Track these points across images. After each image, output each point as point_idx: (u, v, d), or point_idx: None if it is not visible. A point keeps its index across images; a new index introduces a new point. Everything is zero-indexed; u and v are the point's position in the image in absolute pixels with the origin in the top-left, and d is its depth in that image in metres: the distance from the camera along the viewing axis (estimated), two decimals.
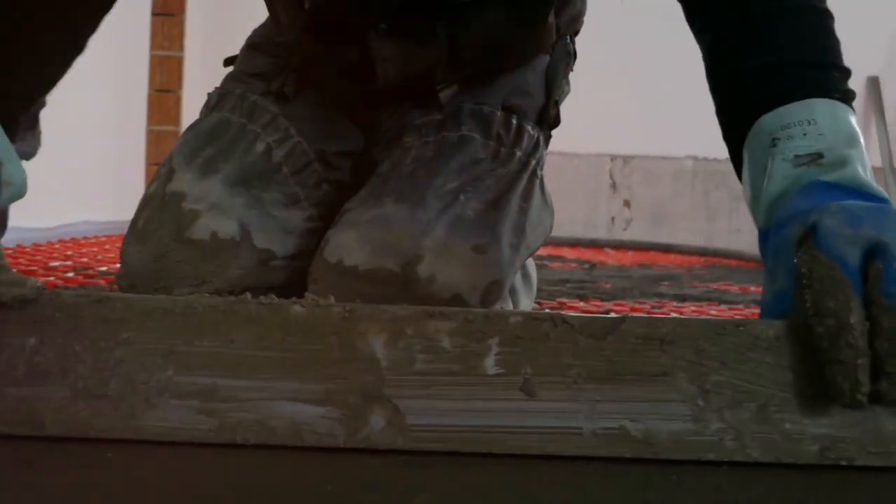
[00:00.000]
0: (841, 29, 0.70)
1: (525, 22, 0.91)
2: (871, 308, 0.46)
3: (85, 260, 1.66)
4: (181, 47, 3.29)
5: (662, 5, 0.87)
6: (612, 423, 0.47)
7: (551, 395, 0.47)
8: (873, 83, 3.67)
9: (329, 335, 0.48)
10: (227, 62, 1.01)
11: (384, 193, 0.84)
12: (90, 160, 2.42)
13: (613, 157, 3.85)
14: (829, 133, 0.60)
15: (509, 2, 0.87)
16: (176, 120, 3.27)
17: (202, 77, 3.48)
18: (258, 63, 0.97)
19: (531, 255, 0.92)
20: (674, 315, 0.50)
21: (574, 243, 3.51)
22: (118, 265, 0.87)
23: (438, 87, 0.91)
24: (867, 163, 0.60)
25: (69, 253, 1.86)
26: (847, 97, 0.63)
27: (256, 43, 1.00)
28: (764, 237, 0.60)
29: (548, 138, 0.96)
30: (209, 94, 0.96)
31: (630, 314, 0.50)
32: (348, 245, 0.80)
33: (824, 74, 0.64)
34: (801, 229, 0.52)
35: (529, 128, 0.91)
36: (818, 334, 0.47)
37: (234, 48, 1.02)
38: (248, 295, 0.49)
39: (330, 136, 0.94)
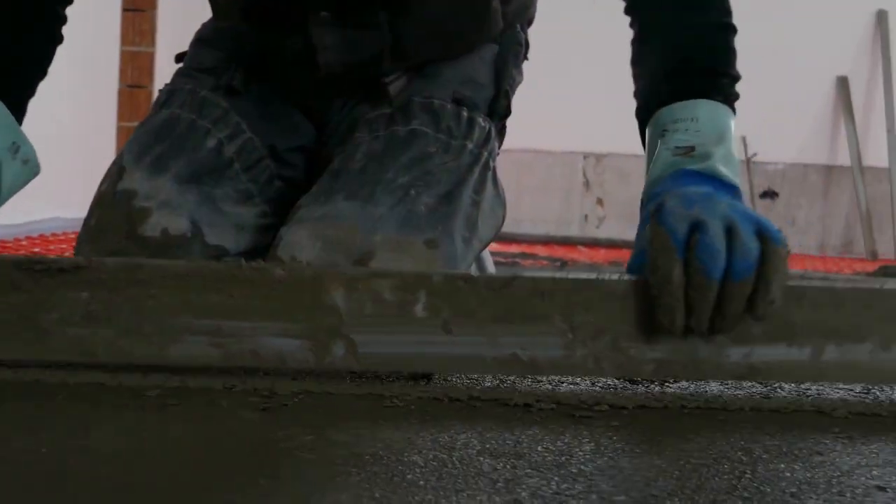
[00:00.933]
0: (811, 31, 0.89)
1: (468, 8, 0.96)
2: (688, 268, 0.68)
3: (53, 258, 1.80)
4: (152, 43, 3.43)
5: None
6: (507, 351, 0.70)
7: (463, 331, 0.69)
8: (842, 83, 3.90)
9: (303, 290, 0.70)
10: (178, 58, 1.04)
11: (335, 190, 0.87)
12: (60, 156, 2.53)
13: (586, 155, 4.05)
14: (704, 130, 0.80)
15: None
16: None
17: (174, 72, 3.66)
18: (206, 58, 1.00)
19: (484, 247, 0.99)
20: (551, 275, 0.72)
21: (547, 241, 3.73)
22: None
23: (387, 78, 0.95)
24: (731, 155, 0.79)
25: (36, 250, 1.98)
26: (729, 99, 0.83)
27: (204, 37, 1.03)
28: (642, 208, 0.80)
29: (501, 130, 1.03)
30: (159, 91, 1.00)
31: (519, 274, 0.71)
32: (300, 242, 0.83)
33: (714, 80, 0.83)
34: (654, 206, 0.73)
35: (480, 119, 0.96)
36: (651, 285, 0.69)
37: None
38: (243, 261, 0.71)
39: (282, 132, 0.98)
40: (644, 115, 0.86)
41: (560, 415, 0.64)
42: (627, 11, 0.91)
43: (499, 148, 1.01)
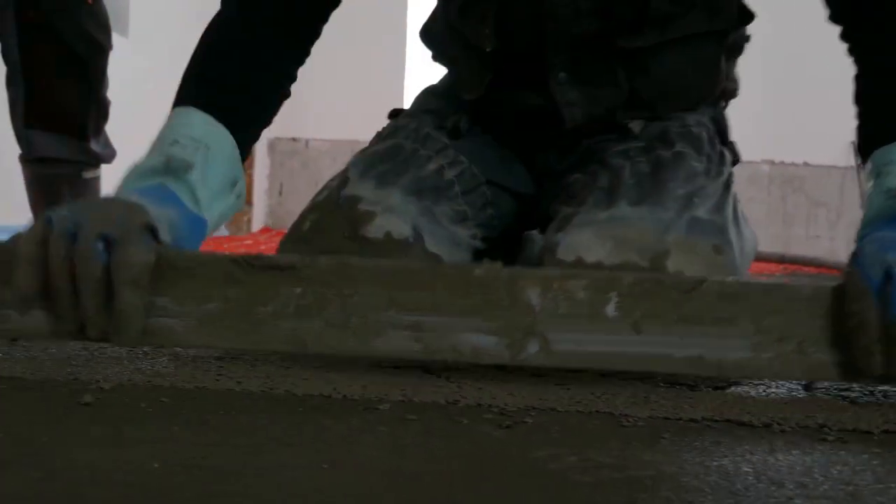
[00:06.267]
0: None
1: (699, 64, 1.06)
2: (884, 317, 0.70)
3: (269, 256, 1.90)
4: None
5: None
6: (694, 352, 0.75)
7: (652, 331, 0.75)
8: None
9: (500, 288, 0.76)
10: (392, 114, 1.15)
11: (616, 198, 0.94)
12: None
13: None
14: None
15: (684, 44, 1.02)
16: None
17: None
18: (432, 103, 1.13)
19: (747, 265, 1.02)
20: (736, 278, 0.76)
21: None
22: None
23: (627, 122, 1.05)
24: None
25: None
26: None
27: (432, 89, 1.17)
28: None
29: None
30: (382, 128, 1.11)
31: (706, 277, 0.76)
32: (584, 243, 0.88)
33: None
34: (854, 249, 0.76)
35: (727, 153, 1.06)
36: (847, 328, 0.72)
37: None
38: (443, 259, 0.77)
39: (499, 171, 1.08)
40: (863, 150, 0.88)
41: (807, 437, 0.65)
42: (842, 37, 0.93)
43: None
